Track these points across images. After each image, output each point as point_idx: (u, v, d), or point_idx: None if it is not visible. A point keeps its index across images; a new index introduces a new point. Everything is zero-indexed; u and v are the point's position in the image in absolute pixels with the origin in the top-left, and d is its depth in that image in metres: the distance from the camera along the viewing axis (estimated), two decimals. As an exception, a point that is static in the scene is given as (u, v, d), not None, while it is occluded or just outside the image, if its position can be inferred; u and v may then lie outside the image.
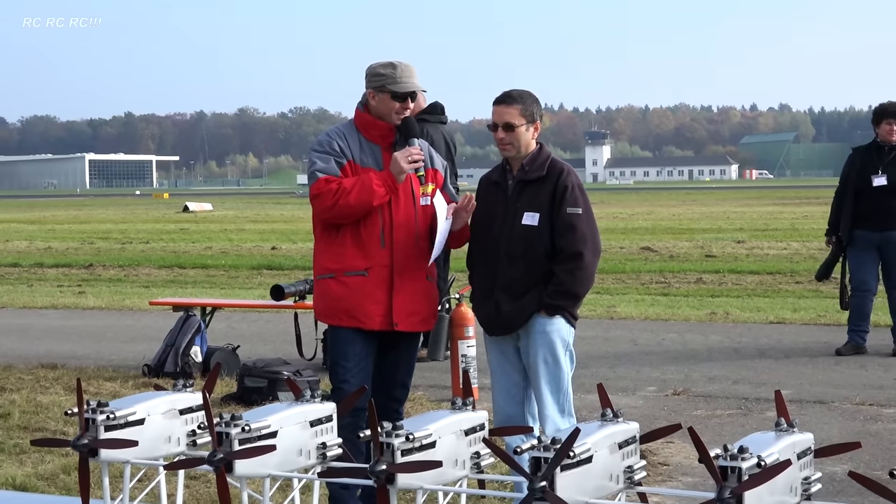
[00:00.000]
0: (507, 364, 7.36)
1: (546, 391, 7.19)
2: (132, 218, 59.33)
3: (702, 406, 10.99)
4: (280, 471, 3.67)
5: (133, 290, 23.01)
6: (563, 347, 7.21)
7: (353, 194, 7.00)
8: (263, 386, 11.23)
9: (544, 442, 3.28)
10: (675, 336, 15.49)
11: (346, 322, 7.18)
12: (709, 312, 17.82)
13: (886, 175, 13.32)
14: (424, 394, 11.22)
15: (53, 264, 29.85)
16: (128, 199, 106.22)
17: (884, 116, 13.47)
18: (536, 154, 7.28)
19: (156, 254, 32.54)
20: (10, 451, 9.71)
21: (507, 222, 7.24)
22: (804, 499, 3.33)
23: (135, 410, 3.86)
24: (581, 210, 7.19)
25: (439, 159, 7.54)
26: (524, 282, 7.19)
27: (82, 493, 3.88)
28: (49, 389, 12.30)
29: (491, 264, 7.33)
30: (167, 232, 44.10)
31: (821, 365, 13.11)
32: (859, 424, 10.09)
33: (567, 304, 7.18)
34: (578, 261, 7.14)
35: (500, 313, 7.29)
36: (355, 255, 7.15)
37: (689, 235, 35.92)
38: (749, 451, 3.16)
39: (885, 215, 13.34)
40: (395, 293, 7.13)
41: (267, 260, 29.15)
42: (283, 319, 14.73)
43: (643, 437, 3.60)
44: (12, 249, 35.26)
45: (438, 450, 3.53)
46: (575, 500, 3.28)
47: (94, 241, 39.00)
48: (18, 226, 51.13)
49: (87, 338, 16.25)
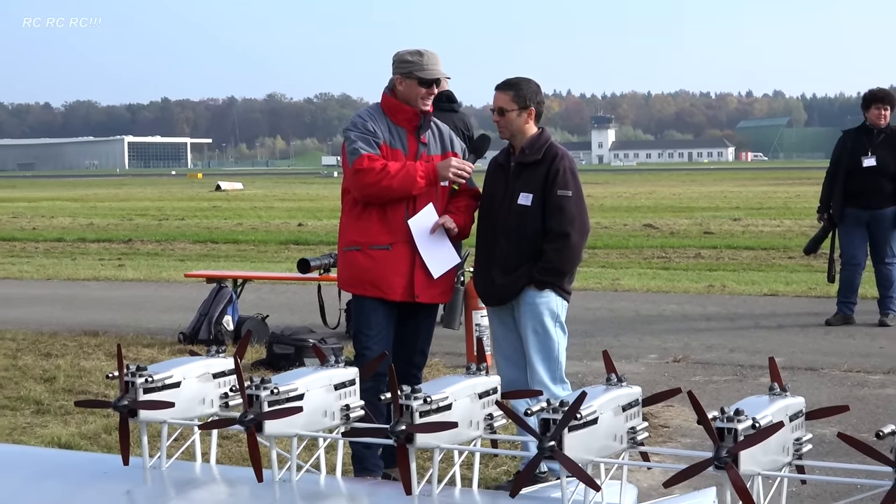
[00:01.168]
0: (507, 332, 7.42)
1: (536, 359, 7.24)
2: (168, 196, 59.42)
3: (700, 372, 11.00)
4: (306, 431, 3.68)
5: (169, 264, 23.06)
6: (552, 319, 7.25)
7: (396, 179, 7.02)
8: (290, 352, 11.27)
9: (553, 404, 3.28)
10: (675, 307, 15.50)
11: (371, 292, 7.20)
12: (707, 285, 17.83)
13: (875, 156, 13.33)
14: (441, 360, 11.24)
15: (95, 239, 29.93)
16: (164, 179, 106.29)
17: (873, 102, 13.49)
18: (536, 138, 7.31)
19: (190, 230, 32.60)
20: (55, 413, 9.75)
21: (506, 202, 7.28)
22: (796, 458, 3.33)
23: (171, 374, 3.87)
24: (571, 193, 7.22)
25: (459, 144, 7.55)
26: (516, 257, 7.24)
27: (122, 451, 3.89)
28: (91, 355, 12.35)
29: (489, 240, 7.39)
30: (201, 209, 44.17)
31: (811, 334, 13.12)
32: (847, 390, 10.09)
33: (554, 280, 7.23)
34: (566, 240, 7.19)
35: (495, 286, 7.36)
36: (380, 230, 7.17)
37: (689, 213, 35.89)
38: (744, 413, 3.16)
39: (873, 194, 13.34)
40: (416, 267, 7.16)
41: (294, 235, 29.17)
42: (308, 291, 14.73)
43: (645, 400, 3.60)
44: (57, 225, 35.37)
45: (454, 412, 3.53)
46: (581, 458, 3.28)
47: (133, 217, 39.10)
48: (62, 203, 51.24)
49: (126, 307, 16.30)
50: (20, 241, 29.75)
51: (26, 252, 26.93)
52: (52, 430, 9.11)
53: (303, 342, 11.29)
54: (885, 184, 13.26)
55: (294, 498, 3.64)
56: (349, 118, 7.51)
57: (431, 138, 7.30)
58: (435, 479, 3.52)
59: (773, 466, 3.24)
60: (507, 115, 7.22)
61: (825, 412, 3.52)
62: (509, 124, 7.24)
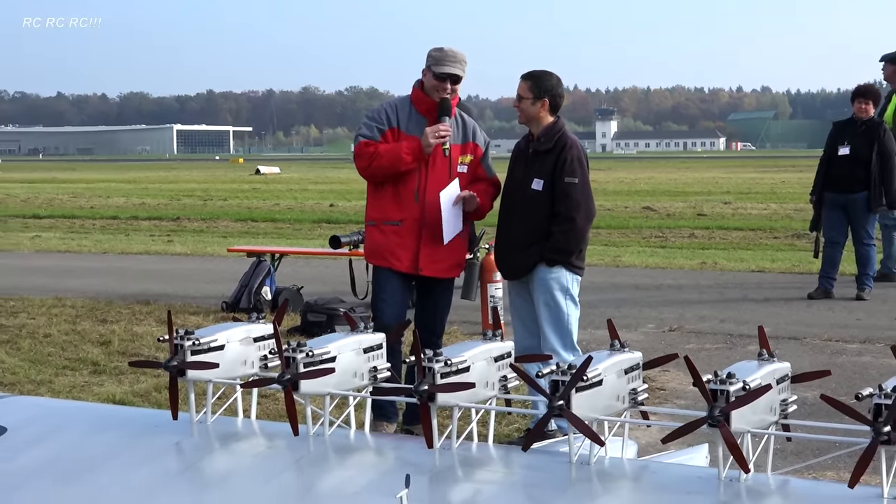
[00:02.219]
0: (523, 303, 7.44)
1: (548, 328, 7.26)
2: (212, 179, 59.51)
3: (693, 341, 11.00)
4: (338, 390, 3.68)
5: (213, 240, 23.11)
6: (562, 292, 7.25)
7: (385, 158, 7.13)
8: (323, 320, 11.30)
9: (562, 367, 3.28)
10: (671, 282, 15.49)
11: (383, 263, 7.35)
12: (700, 262, 17.81)
13: (850, 146, 13.35)
14: (459, 328, 11.25)
15: (146, 217, 30.02)
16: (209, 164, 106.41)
17: (857, 96, 13.53)
18: (550, 127, 7.30)
19: (232, 209, 32.66)
20: (110, 373, 9.81)
21: (522, 186, 7.30)
22: (782, 418, 3.32)
23: (216, 338, 3.88)
24: (577, 180, 7.21)
25: (482, 135, 7.58)
26: (529, 237, 7.26)
27: (172, 407, 3.90)
28: (143, 321, 12.41)
29: (508, 220, 7.41)
30: (242, 191, 44.23)
31: (795, 307, 13.10)
32: (827, 357, 10.09)
33: (562, 258, 7.23)
34: (571, 224, 7.20)
35: (512, 262, 7.41)
36: (392, 207, 7.25)
37: (684, 197, 35.80)
38: (736, 376, 3.15)
39: (848, 180, 13.37)
40: (422, 243, 7.23)
41: (326, 215, 29.22)
42: (339, 265, 14.76)
43: (645, 364, 3.59)
44: (112, 205, 35.46)
45: (472, 373, 3.53)
46: (587, 416, 3.28)
47: (181, 198, 39.17)
48: (117, 185, 51.38)
49: (174, 279, 16.35)
50: (79, 219, 29.85)
51: (84, 228, 27.02)
52: (108, 388, 9.16)
53: (334, 311, 11.33)
54: (858, 171, 13.26)
55: (326, 451, 3.64)
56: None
57: (454, 128, 7.30)
58: (454, 434, 3.52)
59: (761, 425, 3.24)
60: (523, 102, 7.23)
61: (808, 376, 3.50)
62: (525, 111, 7.26)
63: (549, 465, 3.44)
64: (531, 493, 3.32)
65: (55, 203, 36.53)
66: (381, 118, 7.28)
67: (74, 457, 3.75)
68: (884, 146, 13.22)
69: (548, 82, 7.29)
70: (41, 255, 20.54)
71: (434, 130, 7.10)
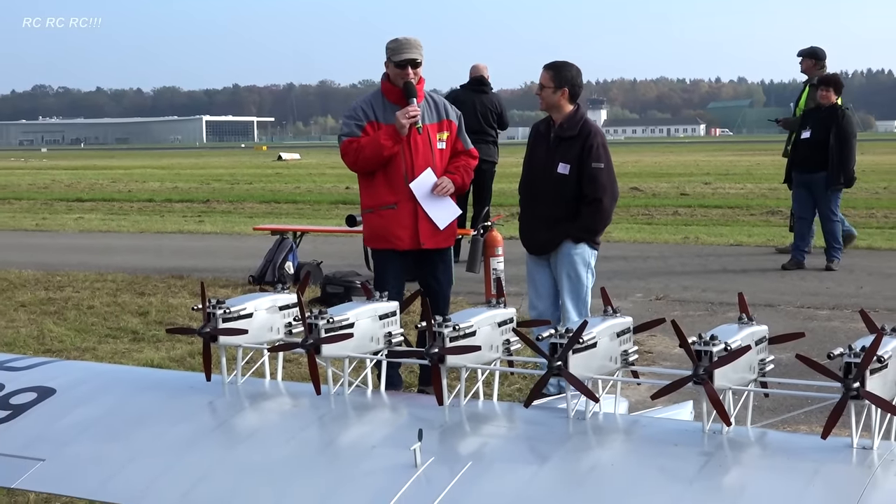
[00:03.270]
0: (539, 273, 7.48)
1: (568, 299, 7.29)
2: (239, 165, 59.44)
3: (678, 308, 11.00)
4: (356, 353, 3.68)
5: (240, 220, 23.10)
6: (584, 266, 7.28)
7: (367, 150, 7.11)
8: (341, 292, 11.29)
9: (560, 331, 3.28)
10: (656, 255, 15.48)
11: (385, 245, 7.31)
12: (683, 237, 17.79)
13: (811, 130, 13.42)
14: (464, 298, 11.24)
15: (179, 200, 29.99)
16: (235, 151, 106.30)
17: (820, 84, 13.53)
18: (572, 115, 7.28)
19: (257, 192, 32.62)
20: (149, 340, 9.83)
21: (547, 169, 7.28)
22: (760, 376, 3.32)
23: (245, 307, 3.87)
24: (603, 165, 7.22)
25: (454, 112, 7.49)
26: (556, 216, 7.25)
27: (205, 369, 3.90)
28: (177, 294, 12.42)
29: (532, 201, 7.40)
30: (265, 175, 44.18)
31: (770, 277, 13.10)
32: (800, 322, 10.08)
33: (588, 237, 7.25)
34: (598, 205, 7.20)
35: (539, 240, 7.39)
36: (386, 192, 7.21)
37: (668, 179, 35.70)
38: (718, 338, 3.15)
39: (809, 161, 13.48)
40: (419, 220, 7.19)
41: (342, 196, 29.16)
42: (355, 242, 14.74)
43: (635, 328, 3.59)
44: (147, 189, 35.44)
45: (478, 337, 3.53)
46: (583, 375, 3.28)
47: (210, 182, 39.14)
48: (152, 171, 51.35)
49: (205, 256, 16.36)
50: (118, 202, 29.84)
51: (123, 210, 27.02)
52: (146, 354, 9.18)
53: (351, 283, 11.34)
54: (818, 152, 13.31)
55: (346, 408, 3.65)
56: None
57: (426, 109, 7.25)
58: (462, 392, 3.53)
59: (742, 382, 3.23)
60: (544, 90, 7.22)
61: (784, 338, 3.50)
62: (546, 98, 7.25)
63: (549, 420, 3.44)
64: (532, 446, 3.32)
65: (96, 187, 36.52)
66: (359, 115, 7.25)
67: (117, 415, 3.76)
68: (841, 130, 13.25)
69: (568, 72, 7.27)
70: (84, 235, 20.55)
71: (403, 113, 7.06)
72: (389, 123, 7.10)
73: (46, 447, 3.59)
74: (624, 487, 3.02)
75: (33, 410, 3.82)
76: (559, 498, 2.99)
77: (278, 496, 3.22)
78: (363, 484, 3.15)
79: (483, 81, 11.90)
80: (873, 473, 2.91)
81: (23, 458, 3.56)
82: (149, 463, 3.46)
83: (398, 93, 7.16)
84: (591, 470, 3.15)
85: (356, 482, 3.17)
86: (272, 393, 3.86)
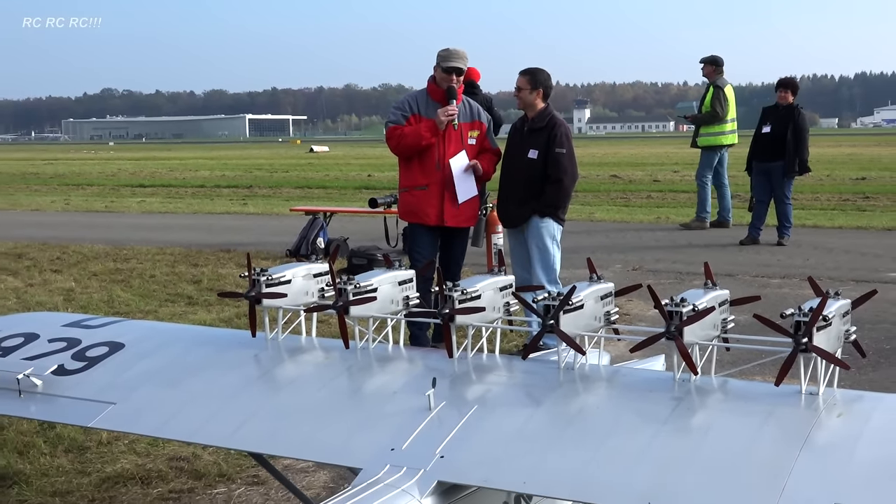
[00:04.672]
0: (519, 247, 7.47)
1: (538, 267, 7.28)
2: (277, 156, 59.39)
3: (651, 277, 10.98)
4: (379, 313, 3.68)
5: (278, 202, 23.09)
6: (550, 238, 7.26)
7: (409, 138, 7.16)
8: (364, 263, 11.29)
9: (552, 295, 3.27)
10: (633, 233, 15.45)
11: (416, 219, 7.32)
12: (655, 217, 17.77)
13: (771, 126, 13.41)
14: (470, 269, 11.16)
15: (226, 186, 29.99)
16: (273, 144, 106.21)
17: (779, 86, 13.70)
18: (543, 110, 7.29)
19: (292, 179, 32.60)
20: (202, 304, 9.84)
21: (520, 155, 7.29)
22: (723, 333, 3.32)
23: (285, 274, 3.87)
24: (565, 151, 7.22)
25: (485, 116, 7.57)
26: (525, 194, 7.25)
27: (251, 328, 3.91)
28: (226, 265, 12.43)
29: (508, 182, 7.39)
30: (300, 165, 44.14)
31: (729, 251, 13.09)
32: (755, 289, 10.05)
33: (552, 211, 7.23)
34: (560, 184, 7.20)
35: (511, 214, 7.38)
36: (419, 175, 7.25)
37: (642, 168, 35.62)
38: (686, 300, 3.14)
39: (768, 153, 13.45)
40: (445, 201, 7.21)
41: (365, 182, 29.15)
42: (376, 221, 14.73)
43: (616, 293, 3.58)
44: (199, 176, 35.43)
45: (482, 300, 3.53)
46: (572, 332, 3.27)
47: (252, 171, 39.12)
48: (203, 161, 51.34)
49: (249, 232, 16.38)
50: (174, 187, 29.85)
51: (178, 194, 27.02)
52: (200, 315, 9.19)
53: (373, 255, 11.35)
54: (776, 145, 13.31)
55: (371, 360, 3.65)
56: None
57: (462, 110, 7.29)
58: (469, 347, 3.53)
59: (707, 339, 3.23)
60: (521, 92, 7.23)
61: (743, 301, 3.49)
62: (524, 98, 7.26)
63: (542, 370, 3.44)
64: (528, 392, 3.32)
65: (156, 175, 36.52)
66: (405, 107, 7.31)
67: (176, 366, 3.76)
68: (797, 126, 13.27)
69: (541, 76, 7.31)
70: (146, 216, 20.56)
71: (444, 111, 7.14)
72: (429, 118, 7.15)
73: (116, 393, 3.60)
74: (606, 427, 3.02)
75: (105, 362, 3.83)
76: (551, 435, 3.00)
77: (313, 434, 3.22)
78: (385, 424, 3.16)
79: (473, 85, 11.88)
80: (818, 415, 2.91)
81: (97, 401, 3.57)
82: (202, 406, 3.47)
83: (441, 93, 7.23)
84: (579, 412, 3.16)
85: (379, 422, 3.18)
86: (307, 347, 3.86)
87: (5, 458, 5.69)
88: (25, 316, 4.63)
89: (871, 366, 7.22)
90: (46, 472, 5.52)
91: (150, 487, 5.33)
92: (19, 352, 3.95)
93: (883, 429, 2.83)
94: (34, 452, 5.77)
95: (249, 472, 5.51)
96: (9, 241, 15.20)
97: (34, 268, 12.42)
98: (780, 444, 2.78)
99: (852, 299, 3.23)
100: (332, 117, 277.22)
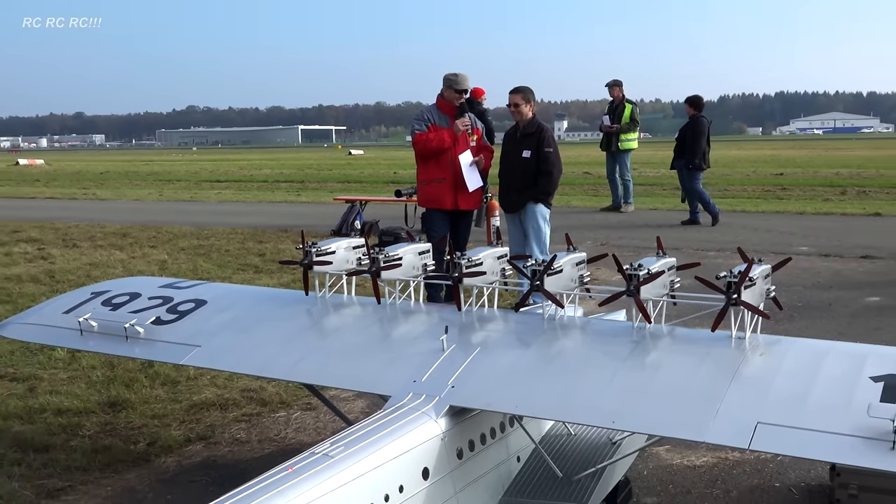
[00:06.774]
0: (515, 228, 7.42)
1: (534, 243, 7.24)
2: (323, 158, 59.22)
3: (615, 250, 10.91)
4: (404, 277, 3.69)
5: (324, 194, 23.01)
6: (542, 219, 7.23)
7: (433, 143, 7.17)
8: (391, 240, 11.25)
9: (538, 261, 3.28)
10: (601, 216, 15.38)
11: (435, 205, 7.30)
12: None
13: (679, 133, 13.78)
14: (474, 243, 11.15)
15: (284, 180, 29.92)
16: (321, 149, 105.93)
17: (685, 102, 14.39)
18: (531, 119, 7.25)
19: (335, 175, 32.51)
20: (266, 271, 9.86)
21: (516, 155, 7.23)
22: (671, 291, 3.32)
23: (331, 247, 3.89)
24: (551, 150, 7.19)
25: (480, 124, 7.56)
26: (522, 185, 7.22)
27: (305, 288, 3.93)
28: (284, 241, 12.44)
29: (508, 175, 7.35)
30: (340, 164, 44.01)
31: (676, 230, 13.03)
32: (696, 258, 9.98)
33: (543, 198, 7.20)
34: (549, 176, 7.16)
35: (511, 201, 7.34)
36: (437, 171, 7.24)
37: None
38: (643, 266, 3.15)
39: (677, 153, 13.71)
40: (458, 191, 7.20)
41: (392, 178, 29.02)
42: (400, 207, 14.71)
43: (588, 260, 3.58)
44: (262, 174, 35.34)
45: (484, 266, 3.53)
46: (554, 291, 3.28)
47: (304, 169, 39.03)
48: (265, 161, 51.25)
49: (302, 216, 16.35)
50: (243, 182, 29.80)
51: (246, 188, 26.97)
52: (265, 280, 9.21)
53: (398, 234, 11.31)
54: (681, 147, 13.57)
55: (397, 313, 3.67)
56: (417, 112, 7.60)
57: (470, 121, 7.32)
58: (474, 302, 3.54)
59: (658, 295, 3.23)
60: (518, 107, 7.18)
61: (686, 266, 3.49)
62: (520, 112, 7.21)
63: (531, 320, 3.45)
64: (520, 337, 3.34)
65: (229, 173, 36.48)
66: (424, 118, 7.35)
67: (247, 317, 3.79)
68: (694, 131, 13.49)
69: (530, 93, 7.32)
70: (222, 204, 20.56)
71: (461, 122, 7.17)
72: (443, 127, 7.17)
73: (201, 338, 3.63)
74: (580, 364, 3.04)
75: (192, 314, 3.85)
76: (538, 370, 3.01)
77: (353, 369, 3.25)
78: (409, 362, 3.18)
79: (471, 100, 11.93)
80: (745, 354, 2.91)
81: (185, 345, 3.60)
82: (267, 348, 3.49)
83: (449, 107, 7.31)
84: (559, 353, 3.17)
85: (404, 360, 3.20)
86: (348, 304, 3.88)
87: (116, 389, 5.75)
88: (129, 280, 4.66)
89: (786, 318, 7.23)
90: (147, 400, 5.58)
91: (227, 412, 5.38)
92: (126, 307, 3.98)
93: (795, 365, 2.84)
94: (138, 385, 5.83)
95: (304, 400, 5.55)
96: (116, 223, 15.28)
97: (136, 244, 12.48)
98: (715, 376, 2.79)
99: (772, 264, 3.23)
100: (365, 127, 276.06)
